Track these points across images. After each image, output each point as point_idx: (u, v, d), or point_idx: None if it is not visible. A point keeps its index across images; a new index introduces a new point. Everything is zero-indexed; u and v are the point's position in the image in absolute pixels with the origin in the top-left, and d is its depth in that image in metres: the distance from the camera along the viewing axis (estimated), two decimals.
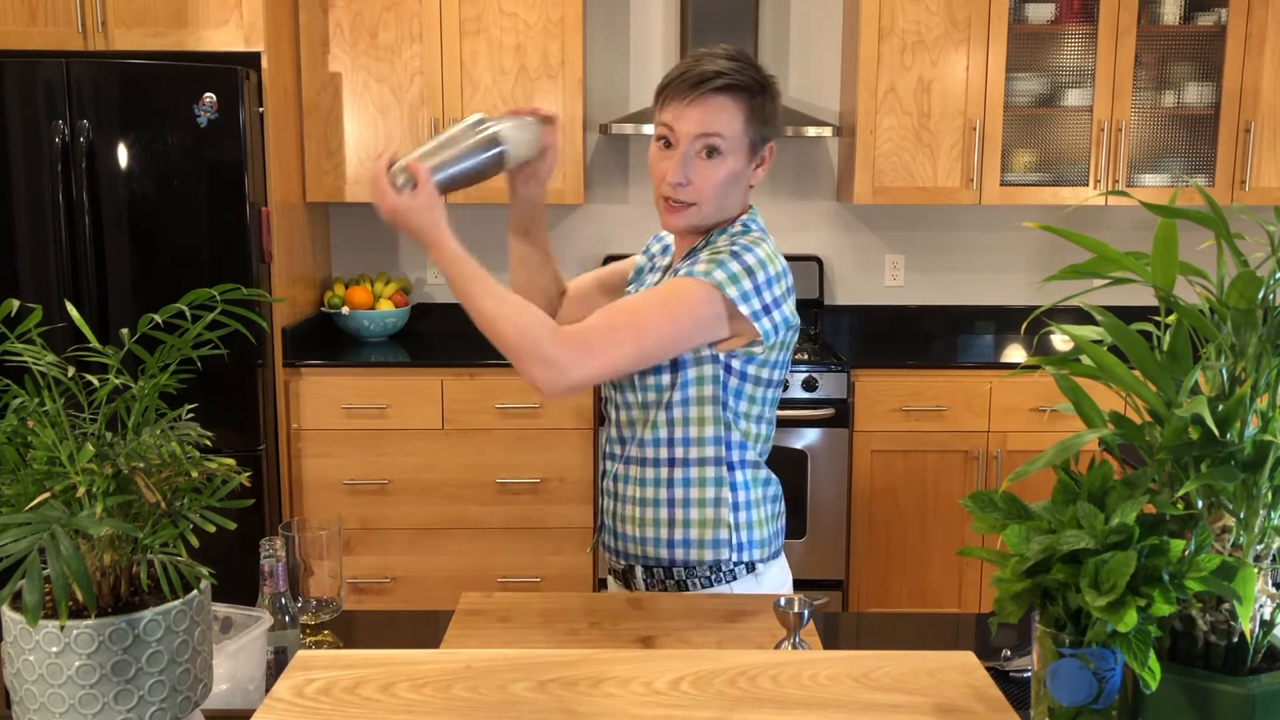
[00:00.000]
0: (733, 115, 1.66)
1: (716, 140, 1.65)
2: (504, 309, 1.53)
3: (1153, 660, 0.91)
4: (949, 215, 4.16)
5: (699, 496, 1.74)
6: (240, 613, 1.39)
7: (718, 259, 1.63)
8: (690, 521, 1.74)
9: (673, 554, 1.75)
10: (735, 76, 1.66)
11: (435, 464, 3.57)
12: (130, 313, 3.32)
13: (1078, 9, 3.73)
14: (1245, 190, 3.75)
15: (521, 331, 1.51)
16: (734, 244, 1.67)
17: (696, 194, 1.67)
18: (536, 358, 1.51)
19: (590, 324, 1.58)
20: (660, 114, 1.69)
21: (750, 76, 1.67)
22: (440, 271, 1.64)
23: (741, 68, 1.67)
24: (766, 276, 1.65)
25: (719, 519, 1.74)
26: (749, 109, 1.67)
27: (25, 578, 0.93)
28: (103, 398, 1.07)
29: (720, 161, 1.66)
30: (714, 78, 1.65)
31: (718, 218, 1.72)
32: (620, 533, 1.81)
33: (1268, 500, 0.95)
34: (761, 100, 1.68)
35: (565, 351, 1.51)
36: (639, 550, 1.78)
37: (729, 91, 1.65)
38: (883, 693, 1.13)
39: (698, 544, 1.75)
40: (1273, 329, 0.94)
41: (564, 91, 3.71)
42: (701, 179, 1.67)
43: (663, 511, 1.75)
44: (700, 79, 1.65)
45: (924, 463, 3.61)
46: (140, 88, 3.26)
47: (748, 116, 1.67)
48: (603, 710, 1.09)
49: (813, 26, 4.05)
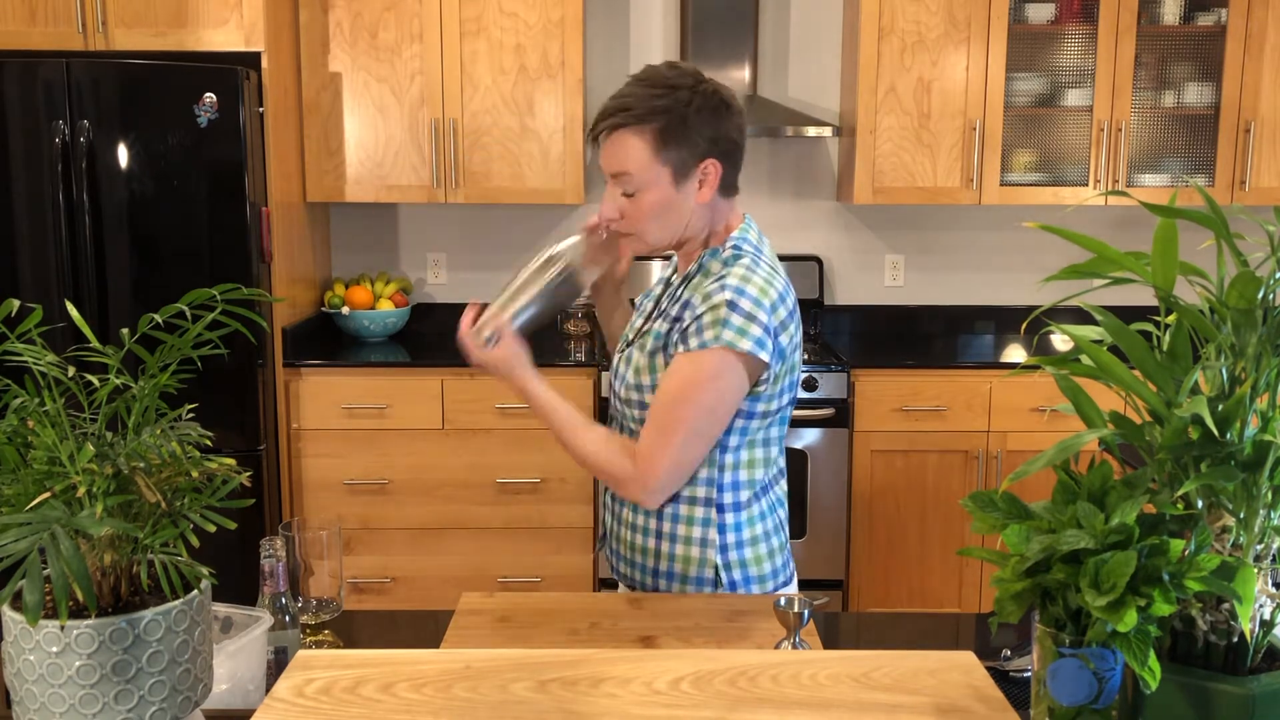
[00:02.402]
0: (635, 150, 1.63)
1: (626, 179, 1.65)
2: (592, 446, 1.68)
3: (1153, 660, 0.91)
4: (949, 215, 4.16)
5: (685, 534, 1.73)
6: (240, 613, 1.39)
7: (719, 319, 1.60)
8: (675, 557, 1.74)
9: (657, 583, 1.76)
10: (630, 112, 1.62)
11: (435, 464, 3.57)
12: (130, 313, 3.32)
13: (1078, 9, 3.73)
14: (1245, 190, 3.75)
15: (608, 463, 1.67)
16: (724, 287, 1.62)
17: (631, 225, 1.69)
18: (626, 481, 1.66)
19: (647, 438, 1.65)
20: None
21: (650, 105, 1.61)
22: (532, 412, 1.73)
23: (643, 96, 1.62)
24: (767, 313, 1.62)
25: (704, 559, 1.73)
26: (656, 138, 1.62)
27: (25, 578, 0.93)
28: (103, 398, 1.07)
29: (640, 196, 1.65)
30: (609, 115, 1.64)
31: (667, 240, 1.70)
32: (615, 550, 1.83)
33: (1268, 500, 0.95)
34: (672, 123, 1.62)
35: (643, 470, 1.65)
36: (629, 572, 1.80)
37: (625, 128, 1.63)
38: (883, 693, 1.13)
39: (680, 578, 1.75)
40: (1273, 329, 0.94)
41: (564, 91, 3.71)
42: (629, 212, 1.67)
43: (650, 542, 1.76)
44: (601, 116, 1.65)
45: (924, 463, 3.61)
46: (140, 88, 3.26)
47: (656, 146, 1.62)
48: (603, 710, 1.09)
49: (813, 26, 4.05)
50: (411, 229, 4.15)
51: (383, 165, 3.74)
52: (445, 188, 3.74)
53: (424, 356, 3.66)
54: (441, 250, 4.16)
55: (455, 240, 4.15)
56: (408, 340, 3.97)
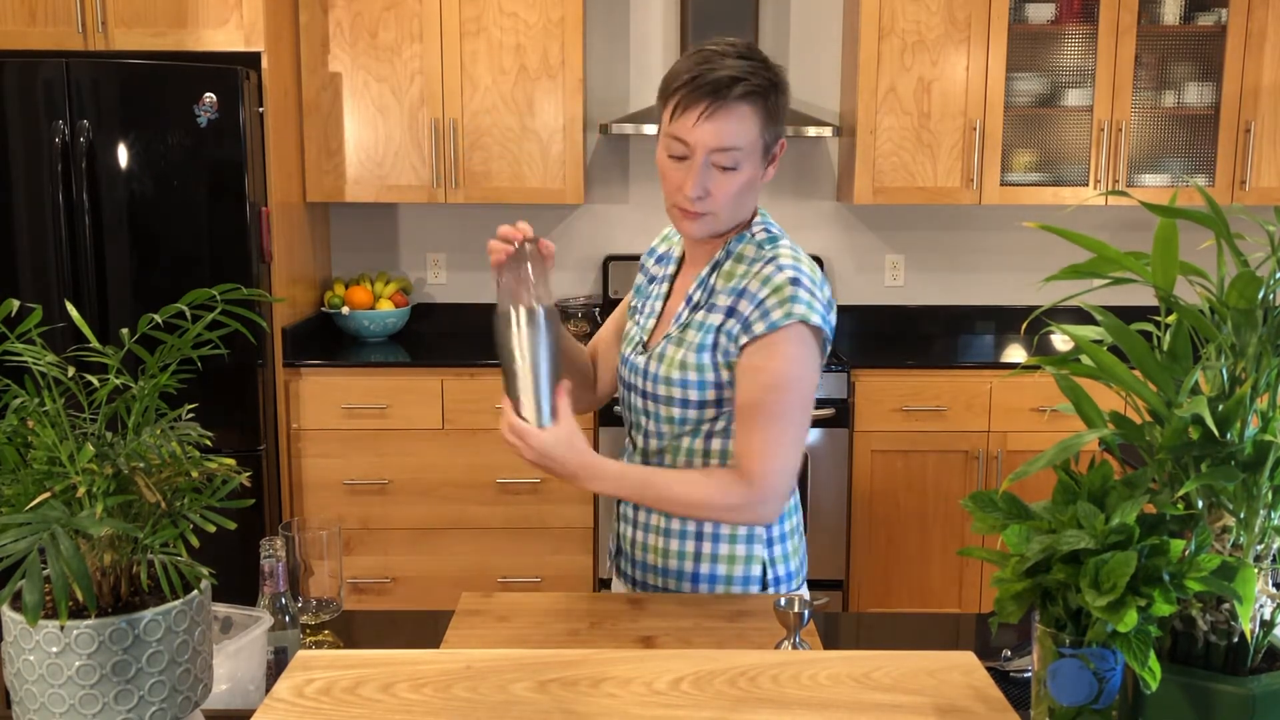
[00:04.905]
0: (750, 124, 1.55)
1: (734, 154, 1.56)
2: (698, 493, 1.57)
3: (1153, 660, 0.91)
4: (949, 215, 4.16)
5: (730, 531, 1.68)
6: (240, 613, 1.39)
7: (787, 297, 1.56)
8: (719, 556, 1.69)
9: (696, 588, 1.70)
10: (751, 81, 1.54)
11: (435, 464, 3.57)
12: (130, 313, 3.32)
13: (1078, 9, 3.73)
14: (1245, 190, 3.75)
15: (723, 500, 1.57)
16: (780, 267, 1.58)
17: (714, 204, 1.59)
18: (743, 508, 1.58)
19: (750, 447, 1.57)
20: (671, 125, 1.57)
21: (765, 77, 1.56)
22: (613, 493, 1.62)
23: (755, 68, 1.55)
24: (821, 289, 1.61)
25: (750, 555, 1.69)
26: (765, 113, 1.56)
27: (25, 578, 0.93)
28: (103, 398, 1.07)
29: (738, 172, 1.57)
30: (729, 85, 1.52)
31: (733, 222, 1.64)
32: (641, 561, 1.74)
33: (1268, 500, 0.95)
34: (775, 100, 1.58)
35: (761, 487, 1.57)
36: (659, 581, 1.72)
37: (746, 99, 1.54)
38: (883, 693, 1.13)
39: (725, 580, 1.69)
40: (1273, 329, 0.94)
41: (564, 91, 3.71)
42: (719, 189, 1.58)
43: (689, 544, 1.69)
44: (715, 88, 1.53)
45: (924, 463, 3.61)
46: (140, 88, 3.26)
47: (764, 122, 1.57)
48: (603, 710, 1.09)
49: (813, 26, 4.05)
50: (411, 229, 4.15)
51: (383, 165, 3.74)
52: (445, 188, 3.74)
53: (424, 356, 3.66)
54: (441, 250, 4.16)
55: (455, 240, 4.15)
56: (408, 340, 3.97)
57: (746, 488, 1.56)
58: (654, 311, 1.76)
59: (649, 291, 1.80)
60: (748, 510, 1.58)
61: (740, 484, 1.57)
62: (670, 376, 1.64)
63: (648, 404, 1.69)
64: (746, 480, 1.57)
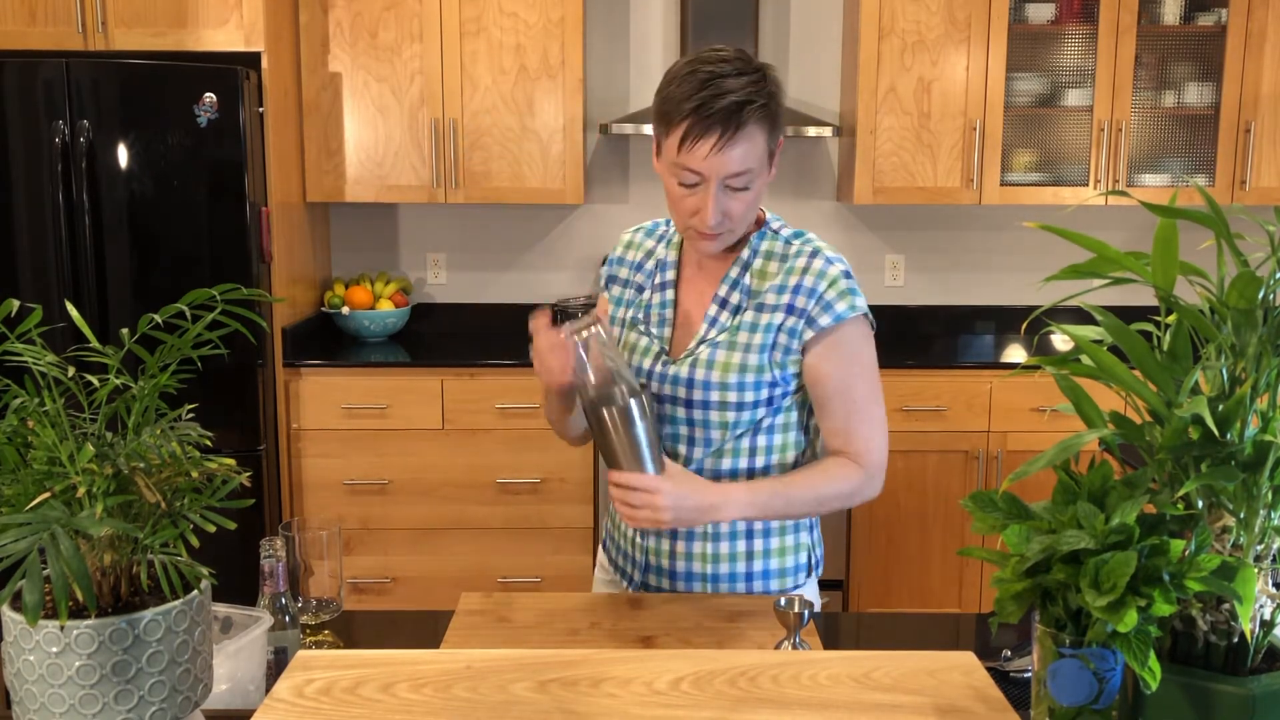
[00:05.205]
0: (759, 142, 1.53)
1: (747, 175, 1.54)
2: (821, 493, 1.64)
3: (1153, 660, 0.91)
4: (949, 215, 4.15)
5: (779, 525, 1.70)
6: (240, 613, 1.39)
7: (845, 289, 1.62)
8: (771, 551, 1.70)
9: (750, 587, 1.69)
10: (757, 101, 1.51)
11: (435, 464, 3.57)
12: (130, 313, 3.31)
13: (1078, 9, 3.73)
14: (1245, 190, 3.75)
15: (842, 493, 1.65)
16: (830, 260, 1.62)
17: (732, 223, 1.58)
18: (862, 489, 1.67)
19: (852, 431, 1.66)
20: (681, 155, 1.52)
21: (768, 91, 1.53)
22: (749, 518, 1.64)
23: (757, 84, 1.52)
24: None
25: (798, 543, 1.72)
26: (770, 126, 1.54)
27: (25, 578, 0.93)
28: (103, 398, 1.07)
29: (751, 189, 1.56)
30: (739, 111, 1.49)
31: (747, 228, 1.65)
32: (676, 571, 1.70)
33: (1268, 500, 0.95)
34: (778, 109, 1.56)
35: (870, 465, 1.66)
36: (704, 587, 1.70)
37: (755, 121, 1.51)
38: (883, 693, 1.13)
39: (778, 574, 1.71)
40: (1273, 329, 0.94)
41: (564, 91, 3.71)
42: (735, 209, 1.56)
43: (740, 545, 1.69)
44: (726, 117, 1.49)
45: (924, 463, 3.61)
46: (140, 88, 3.26)
47: (769, 133, 1.55)
48: (603, 710, 1.09)
49: (813, 26, 4.05)
50: (411, 229, 4.15)
51: (383, 165, 3.74)
52: (445, 188, 3.74)
53: (424, 356, 3.66)
54: (441, 250, 4.16)
55: (455, 240, 4.15)
56: (408, 340, 3.97)
57: (861, 473, 1.65)
58: (666, 320, 1.71)
59: (643, 300, 1.74)
60: (868, 489, 1.66)
61: (854, 467, 1.65)
62: (727, 381, 1.63)
63: (693, 412, 1.65)
64: (858, 463, 1.65)
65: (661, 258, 1.75)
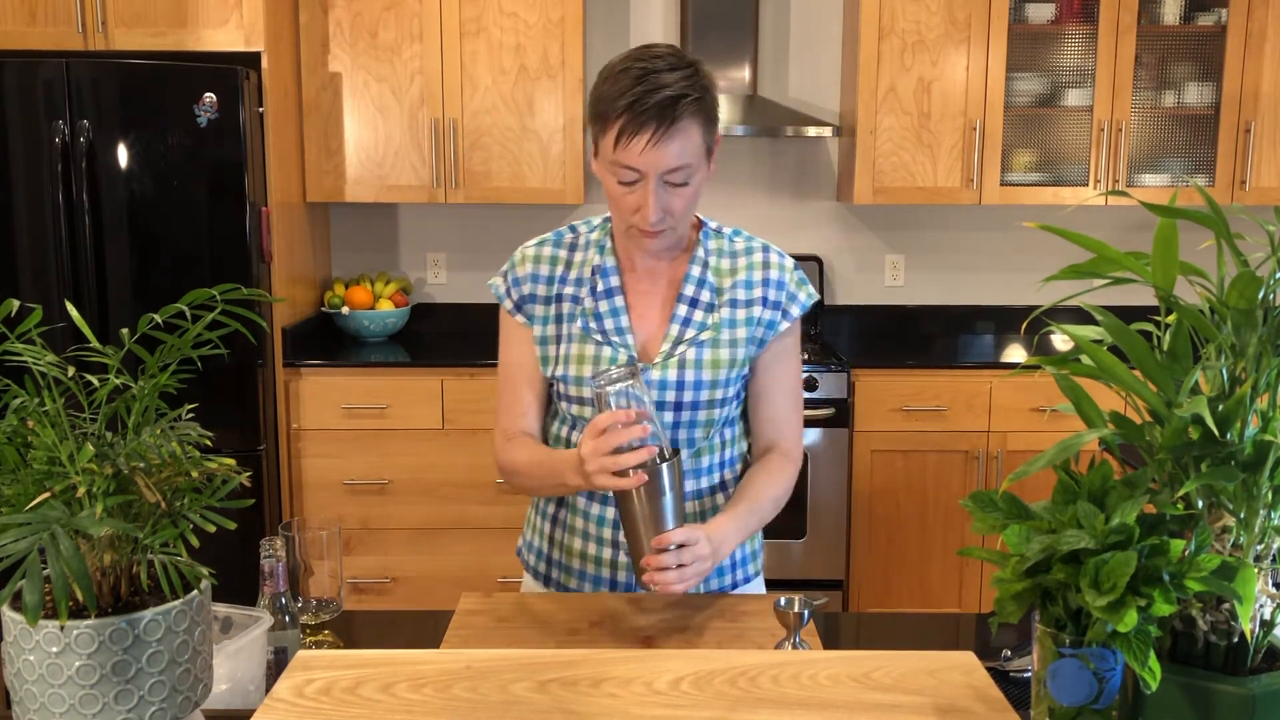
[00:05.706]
0: (695, 137, 1.52)
1: (685, 170, 1.53)
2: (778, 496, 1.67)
3: (1153, 660, 0.91)
4: (949, 215, 4.15)
5: None
6: (240, 613, 1.39)
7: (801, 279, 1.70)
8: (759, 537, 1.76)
9: (707, 584, 1.72)
10: (691, 95, 1.50)
11: (435, 464, 3.57)
12: (130, 313, 3.32)
13: (1078, 9, 3.73)
14: (1245, 190, 3.75)
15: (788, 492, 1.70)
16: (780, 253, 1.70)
17: (674, 220, 1.57)
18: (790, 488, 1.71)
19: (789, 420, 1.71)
20: (617, 152, 1.51)
21: (701, 85, 1.52)
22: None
23: (690, 78, 1.51)
24: None
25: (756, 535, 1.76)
26: (705, 121, 1.53)
27: (25, 578, 0.93)
28: (103, 398, 1.07)
29: (690, 184, 1.55)
30: (673, 105, 1.48)
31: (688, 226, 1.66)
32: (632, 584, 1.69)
33: (1268, 500, 0.95)
34: (712, 104, 1.55)
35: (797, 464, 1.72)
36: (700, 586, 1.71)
37: (690, 115, 1.50)
38: (883, 693, 1.13)
39: (741, 563, 1.74)
40: (1273, 329, 0.94)
41: (564, 91, 3.71)
42: (676, 206, 1.56)
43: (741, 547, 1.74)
44: (659, 111, 1.48)
45: (924, 463, 3.61)
46: (140, 88, 3.26)
47: (704, 129, 1.54)
48: (603, 710, 1.09)
49: (813, 26, 4.05)
50: (411, 229, 4.15)
51: (383, 165, 3.74)
52: (445, 188, 3.74)
53: (424, 356, 3.66)
54: (441, 250, 4.16)
55: (455, 240, 4.15)
56: (408, 340, 3.97)
57: (794, 464, 1.70)
58: (623, 327, 1.66)
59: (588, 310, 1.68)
60: (793, 482, 1.70)
61: (788, 462, 1.69)
62: (718, 378, 1.64)
63: (681, 414, 1.64)
64: (790, 457, 1.69)
65: (597, 264, 1.68)
